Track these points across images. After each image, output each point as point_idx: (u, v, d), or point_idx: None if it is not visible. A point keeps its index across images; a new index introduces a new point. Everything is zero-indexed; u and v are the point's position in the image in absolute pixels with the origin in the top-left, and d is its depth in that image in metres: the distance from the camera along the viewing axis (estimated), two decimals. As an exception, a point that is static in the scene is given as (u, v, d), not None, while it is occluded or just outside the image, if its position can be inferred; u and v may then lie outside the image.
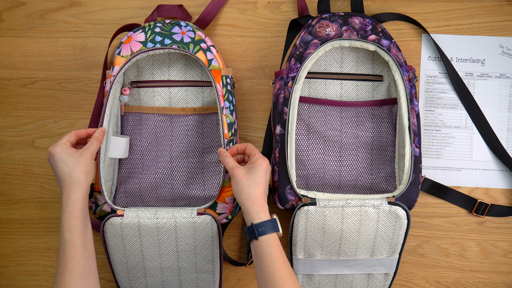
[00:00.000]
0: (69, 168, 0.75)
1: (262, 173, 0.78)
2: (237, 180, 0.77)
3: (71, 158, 0.76)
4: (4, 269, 0.97)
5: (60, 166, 0.76)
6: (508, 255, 0.95)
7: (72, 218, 0.73)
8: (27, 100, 0.97)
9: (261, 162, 0.79)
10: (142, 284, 0.88)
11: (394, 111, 0.92)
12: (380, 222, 0.84)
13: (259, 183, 0.77)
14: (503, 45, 0.95)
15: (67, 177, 0.75)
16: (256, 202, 0.76)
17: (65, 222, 0.73)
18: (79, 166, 0.76)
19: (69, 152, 0.77)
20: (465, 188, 0.95)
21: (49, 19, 0.97)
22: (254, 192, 0.76)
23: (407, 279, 0.96)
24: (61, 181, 0.76)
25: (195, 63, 0.92)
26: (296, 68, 0.87)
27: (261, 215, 0.75)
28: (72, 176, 0.75)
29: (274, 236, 0.75)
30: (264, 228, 0.74)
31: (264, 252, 0.74)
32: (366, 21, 0.88)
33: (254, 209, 0.76)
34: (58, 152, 0.76)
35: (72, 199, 0.74)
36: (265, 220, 0.75)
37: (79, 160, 0.76)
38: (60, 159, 0.76)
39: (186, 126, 0.92)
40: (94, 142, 0.80)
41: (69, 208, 0.73)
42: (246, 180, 0.77)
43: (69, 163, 0.76)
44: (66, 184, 0.75)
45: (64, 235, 0.73)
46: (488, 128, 0.94)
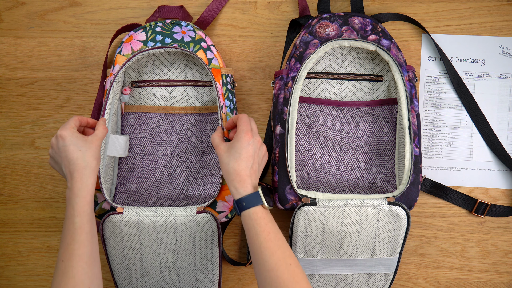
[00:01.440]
0: (81, 152, 0.74)
1: (241, 147, 0.74)
2: (219, 157, 0.76)
3: (82, 143, 0.75)
4: (4, 269, 0.97)
5: (72, 149, 0.74)
6: (508, 255, 0.95)
7: (84, 203, 0.72)
8: (27, 100, 0.97)
9: (241, 137, 0.75)
10: (141, 284, 0.88)
11: (394, 111, 0.92)
12: (380, 222, 0.84)
13: (238, 158, 0.74)
14: (503, 45, 0.95)
15: (79, 160, 0.74)
16: (235, 178, 0.74)
17: (77, 207, 0.72)
18: (90, 150, 0.75)
19: (79, 137, 0.76)
20: (465, 188, 0.95)
21: (49, 19, 0.97)
22: (233, 168, 0.74)
23: (407, 279, 0.96)
24: (71, 165, 0.74)
25: (195, 62, 0.92)
26: (296, 68, 0.87)
27: (240, 191, 0.73)
28: (85, 160, 0.74)
29: (257, 209, 0.73)
30: (244, 204, 0.73)
31: (248, 227, 0.73)
32: (366, 21, 0.88)
33: (234, 186, 0.74)
34: (70, 135, 0.75)
35: (85, 183, 0.73)
36: (245, 195, 0.73)
37: (90, 145, 0.76)
38: (72, 142, 0.75)
39: (186, 125, 0.92)
40: (101, 128, 0.79)
41: (82, 193, 0.72)
42: (226, 156, 0.75)
43: (81, 147, 0.75)
44: (78, 167, 0.74)
45: (75, 219, 0.71)
46: (488, 128, 0.94)
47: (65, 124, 0.77)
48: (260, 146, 0.77)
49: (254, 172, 0.76)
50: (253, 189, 0.74)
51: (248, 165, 0.75)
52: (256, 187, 0.75)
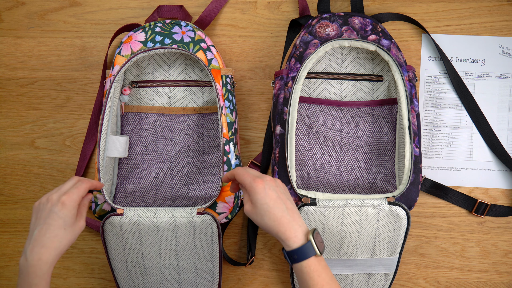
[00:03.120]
0: (63, 232, 0.69)
1: (262, 198, 0.69)
2: (251, 218, 0.71)
3: (71, 223, 0.70)
4: (4, 269, 0.97)
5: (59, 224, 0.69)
6: (508, 255, 0.95)
7: (43, 283, 0.67)
8: (27, 100, 0.97)
9: (254, 187, 0.69)
10: (142, 283, 0.88)
11: (394, 111, 0.92)
12: (380, 222, 0.84)
13: (268, 210, 0.68)
14: (503, 45, 0.95)
15: (56, 239, 0.68)
16: (279, 230, 0.68)
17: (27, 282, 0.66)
18: (71, 235, 0.69)
19: (74, 216, 0.70)
20: (465, 188, 0.95)
21: (49, 19, 0.97)
22: (271, 221, 0.68)
23: (407, 279, 0.96)
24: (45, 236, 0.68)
25: (195, 63, 0.92)
26: (296, 68, 0.87)
27: (289, 243, 0.67)
28: (61, 242, 0.68)
29: (310, 262, 0.67)
30: (296, 257, 0.67)
31: (300, 279, 0.68)
32: (366, 21, 0.88)
33: (281, 239, 0.68)
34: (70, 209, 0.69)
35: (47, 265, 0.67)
36: (295, 247, 0.67)
37: (74, 228, 0.70)
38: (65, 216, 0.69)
39: (186, 126, 0.92)
40: (82, 208, 0.74)
41: (42, 273, 0.66)
42: (256, 215, 0.69)
43: (67, 227, 0.69)
44: (49, 245, 0.67)
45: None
46: (488, 128, 0.94)
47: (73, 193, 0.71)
48: (275, 182, 0.71)
49: (293, 212, 0.70)
50: (304, 235, 0.68)
51: (283, 209, 0.69)
52: (307, 233, 0.68)
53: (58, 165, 0.97)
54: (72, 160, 0.96)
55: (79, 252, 0.97)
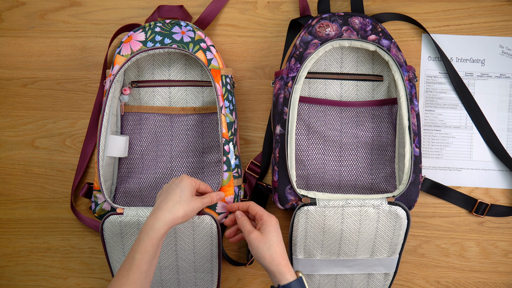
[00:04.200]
0: (179, 199, 0.75)
1: (275, 232, 0.77)
2: (255, 245, 0.76)
3: (187, 195, 0.76)
4: (4, 269, 0.97)
5: (176, 193, 0.75)
6: (508, 255, 0.95)
7: (149, 244, 0.72)
8: (27, 100, 0.97)
9: (270, 221, 0.77)
10: (142, 283, 0.88)
11: (394, 111, 0.92)
12: (380, 222, 0.84)
13: (277, 243, 0.76)
14: (503, 45, 0.95)
15: (169, 204, 0.74)
16: (280, 262, 0.75)
17: (142, 244, 0.72)
18: (185, 204, 0.75)
19: (191, 192, 0.77)
20: (465, 188, 0.95)
21: (49, 19, 0.97)
22: (276, 253, 0.75)
23: (407, 279, 0.96)
24: (163, 202, 0.75)
25: (195, 63, 0.92)
26: (296, 68, 0.87)
27: (287, 276, 0.74)
28: (174, 207, 0.74)
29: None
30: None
31: None
32: (366, 21, 0.88)
33: (279, 271, 0.74)
34: (186, 184, 0.77)
35: (158, 226, 0.72)
36: (291, 280, 0.74)
37: (189, 201, 0.76)
38: (182, 188, 0.76)
39: (186, 125, 0.92)
40: (208, 198, 0.81)
41: (152, 233, 0.72)
42: (264, 243, 0.75)
43: (182, 195, 0.75)
44: (164, 209, 0.74)
45: (136, 255, 0.71)
46: (488, 128, 0.94)
47: (193, 178, 0.79)
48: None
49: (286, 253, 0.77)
50: (294, 273, 0.75)
51: (283, 248, 0.77)
52: (296, 272, 0.76)
53: (58, 165, 0.97)
54: (72, 160, 0.96)
55: (79, 252, 0.97)
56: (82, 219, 0.94)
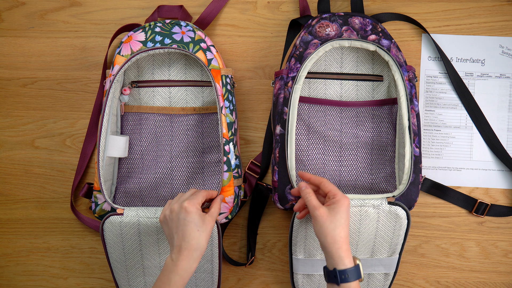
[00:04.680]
0: (198, 233, 0.74)
1: (345, 214, 0.73)
2: (320, 222, 0.73)
3: (201, 223, 0.74)
4: (4, 269, 0.97)
5: (191, 227, 0.74)
6: (508, 255, 0.95)
7: (181, 284, 0.72)
8: (27, 100, 0.97)
9: (344, 202, 0.74)
10: (141, 282, 0.88)
11: (394, 111, 0.92)
12: (380, 222, 0.84)
13: (344, 225, 0.73)
14: (503, 45, 0.95)
15: (194, 241, 0.73)
16: (342, 246, 0.72)
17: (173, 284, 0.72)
18: (205, 233, 0.74)
19: (201, 216, 0.75)
20: (465, 188, 0.95)
21: (49, 19, 0.97)
22: (340, 236, 0.72)
23: (407, 279, 0.96)
24: (185, 242, 0.73)
25: (195, 63, 0.92)
26: (296, 68, 0.87)
27: (345, 261, 0.71)
28: (199, 242, 0.73)
29: (355, 284, 0.71)
30: (347, 276, 0.70)
31: None
32: (366, 21, 0.88)
33: (339, 255, 0.71)
34: (194, 212, 0.74)
35: (190, 265, 0.73)
36: (350, 267, 0.71)
37: (206, 227, 0.75)
38: (194, 220, 0.74)
39: (186, 125, 0.92)
40: (216, 208, 0.79)
41: (184, 274, 0.72)
42: (330, 222, 0.72)
43: (199, 228, 0.74)
44: (190, 247, 0.73)
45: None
46: (488, 128, 0.94)
47: (193, 199, 0.76)
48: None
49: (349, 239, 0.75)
50: (352, 260, 0.73)
51: (348, 233, 0.74)
52: (354, 258, 0.73)
53: (58, 165, 0.97)
54: (72, 160, 0.96)
55: (79, 252, 0.97)
56: (82, 219, 0.94)
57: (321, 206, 0.74)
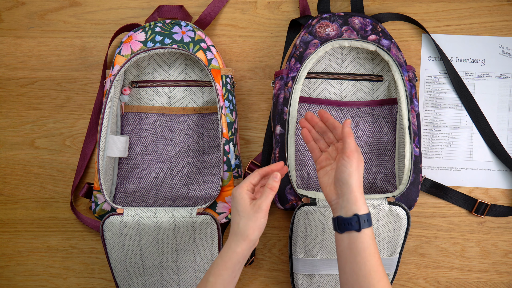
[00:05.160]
0: (239, 218, 0.72)
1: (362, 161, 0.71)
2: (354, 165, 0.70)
3: (245, 208, 0.72)
4: (4, 269, 0.97)
5: (233, 212, 0.73)
6: (508, 255, 0.95)
7: (223, 267, 0.71)
8: (27, 100, 0.97)
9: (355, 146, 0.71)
10: (141, 282, 0.88)
11: (394, 111, 0.92)
12: (380, 222, 0.84)
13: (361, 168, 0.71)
14: (503, 45, 0.95)
15: (234, 225, 0.72)
16: (359, 190, 0.70)
17: (215, 267, 0.71)
18: (249, 220, 0.71)
19: (246, 201, 0.72)
20: (465, 188, 0.95)
21: (49, 19, 0.97)
22: (359, 181, 0.70)
23: (407, 279, 0.96)
24: (231, 226, 0.73)
25: (195, 63, 0.92)
26: (296, 68, 0.87)
27: (365, 207, 0.69)
28: (240, 227, 0.71)
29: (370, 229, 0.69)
30: (367, 221, 0.68)
31: (365, 246, 0.68)
32: (366, 21, 0.88)
33: (361, 199, 0.69)
34: (238, 197, 0.73)
35: (231, 250, 0.71)
36: (366, 213, 0.69)
37: (252, 214, 0.71)
38: (236, 204, 0.73)
39: (186, 125, 0.92)
40: (269, 193, 0.73)
41: (225, 257, 0.71)
42: (361, 167, 0.71)
43: (240, 213, 0.72)
44: (232, 232, 0.72)
45: (210, 278, 0.71)
46: (488, 128, 0.94)
47: (242, 182, 0.74)
48: None
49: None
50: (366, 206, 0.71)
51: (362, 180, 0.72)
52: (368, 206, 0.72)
53: (58, 165, 0.97)
54: (72, 160, 0.96)
55: (79, 252, 0.97)
56: (82, 219, 0.94)
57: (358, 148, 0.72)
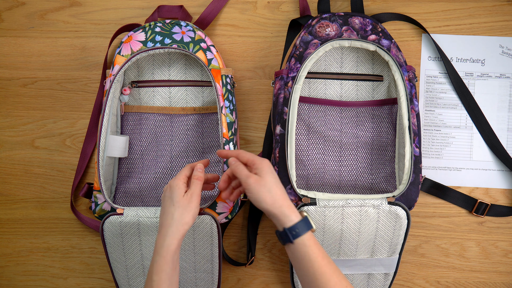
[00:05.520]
0: (173, 209, 0.72)
1: (271, 173, 0.73)
2: (255, 190, 0.72)
3: (180, 199, 0.72)
4: (4, 269, 0.97)
5: (167, 203, 0.73)
6: (508, 255, 0.95)
7: (164, 263, 0.70)
8: (27, 100, 0.97)
9: (264, 163, 0.74)
10: (141, 283, 0.88)
11: (394, 111, 0.92)
12: (380, 222, 0.84)
13: (276, 184, 0.72)
14: (503, 45, 0.95)
15: (168, 217, 0.72)
16: (282, 204, 0.71)
17: (156, 265, 0.71)
18: (185, 210, 0.72)
19: (182, 191, 0.73)
20: (465, 188, 0.95)
21: (49, 19, 0.97)
22: (277, 194, 0.71)
23: (407, 279, 0.96)
24: (162, 218, 0.73)
25: (195, 63, 0.92)
26: (296, 68, 0.87)
27: (291, 217, 0.70)
28: (174, 218, 0.71)
29: (309, 235, 0.70)
30: (297, 231, 0.70)
31: (302, 254, 0.70)
32: (366, 21, 0.88)
33: (283, 213, 0.71)
34: (174, 187, 0.73)
35: (166, 243, 0.71)
36: (297, 221, 0.70)
37: (187, 204, 0.72)
38: (172, 195, 0.73)
39: (186, 125, 0.92)
40: (197, 183, 0.75)
41: (162, 252, 0.70)
42: (263, 186, 0.71)
43: (176, 203, 0.72)
44: (165, 224, 0.72)
45: (153, 277, 0.70)
46: (488, 128, 0.94)
47: (178, 174, 0.75)
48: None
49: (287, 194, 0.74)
50: (298, 213, 0.72)
51: (284, 190, 0.73)
52: (300, 212, 0.72)
53: (58, 165, 0.97)
54: (72, 160, 0.96)
55: (79, 252, 0.97)
56: (82, 219, 0.94)
57: (252, 174, 0.73)
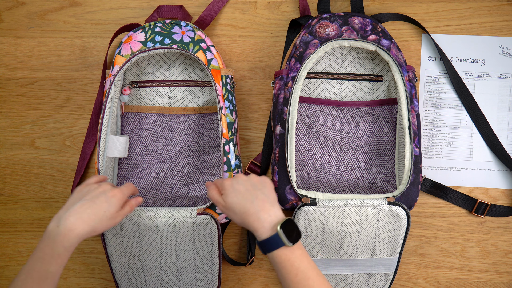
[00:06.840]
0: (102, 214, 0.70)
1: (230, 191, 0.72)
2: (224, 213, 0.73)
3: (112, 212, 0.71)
4: (4, 269, 0.97)
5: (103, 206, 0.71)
6: (508, 255, 0.95)
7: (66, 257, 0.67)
8: (27, 100, 0.97)
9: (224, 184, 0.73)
10: (141, 283, 0.88)
11: (394, 111, 0.92)
12: (380, 222, 0.84)
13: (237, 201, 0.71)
14: (503, 45, 0.95)
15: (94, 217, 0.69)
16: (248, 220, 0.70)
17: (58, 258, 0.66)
18: (107, 222, 0.71)
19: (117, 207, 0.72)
20: (465, 188, 0.95)
21: (49, 19, 0.97)
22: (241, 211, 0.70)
23: (407, 279, 0.96)
24: (84, 209, 0.69)
25: (195, 63, 0.92)
26: (296, 68, 0.87)
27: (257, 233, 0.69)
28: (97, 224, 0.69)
29: (280, 252, 0.67)
30: (266, 247, 0.68)
31: (275, 268, 0.69)
32: (366, 21, 0.88)
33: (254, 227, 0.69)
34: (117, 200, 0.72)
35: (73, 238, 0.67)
36: (264, 238, 0.68)
37: (111, 220, 0.71)
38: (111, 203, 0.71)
39: (186, 126, 0.92)
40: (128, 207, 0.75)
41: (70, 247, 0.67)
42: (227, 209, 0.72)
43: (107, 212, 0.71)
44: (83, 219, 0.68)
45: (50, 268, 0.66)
46: (488, 128, 0.94)
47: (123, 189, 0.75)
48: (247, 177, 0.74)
49: (264, 202, 0.70)
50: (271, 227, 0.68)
51: (250, 200, 0.70)
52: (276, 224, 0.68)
53: (58, 165, 0.97)
54: (72, 160, 0.96)
55: (79, 252, 0.97)
56: (82, 219, 0.94)
57: (220, 199, 0.73)
